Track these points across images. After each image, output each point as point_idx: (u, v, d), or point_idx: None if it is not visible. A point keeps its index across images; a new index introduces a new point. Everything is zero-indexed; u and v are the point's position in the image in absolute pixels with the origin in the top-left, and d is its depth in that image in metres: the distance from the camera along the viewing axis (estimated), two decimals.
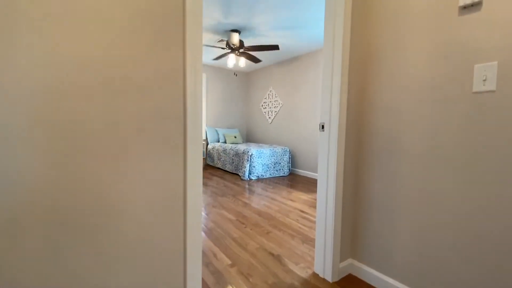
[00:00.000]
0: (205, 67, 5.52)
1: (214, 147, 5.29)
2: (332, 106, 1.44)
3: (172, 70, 0.95)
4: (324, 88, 1.48)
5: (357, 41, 1.45)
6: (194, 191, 1.02)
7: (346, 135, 1.46)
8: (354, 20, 1.43)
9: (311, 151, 4.51)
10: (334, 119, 1.44)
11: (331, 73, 1.44)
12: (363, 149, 1.47)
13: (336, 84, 1.42)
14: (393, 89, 1.33)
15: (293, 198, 3.16)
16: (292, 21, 3.18)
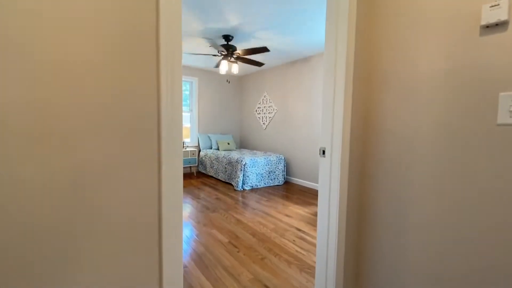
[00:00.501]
0: (196, 71, 5.32)
1: (206, 154, 5.11)
2: (335, 131, 1.29)
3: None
4: (325, 110, 1.33)
5: (363, 56, 1.30)
6: (172, 222, 0.86)
7: (349, 162, 1.31)
8: (359, 32, 1.28)
9: (306, 159, 4.37)
10: (337, 145, 1.29)
11: (333, 94, 1.29)
12: (369, 175, 1.33)
13: (338, 107, 1.27)
14: (403, 111, 1.18)
15: (289, 213, 3.01)
16: (287, 26, 3.03)
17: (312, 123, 4.26)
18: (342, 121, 1.26)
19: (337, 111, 1.28)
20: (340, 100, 1.26)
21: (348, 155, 1.30)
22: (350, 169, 1.32)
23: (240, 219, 2.79)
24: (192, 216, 2.88)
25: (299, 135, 4.52)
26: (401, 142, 1.19)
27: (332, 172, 1.32)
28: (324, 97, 1.33)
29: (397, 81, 1.20)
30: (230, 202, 3.38)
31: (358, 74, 1.30)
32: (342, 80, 1.24)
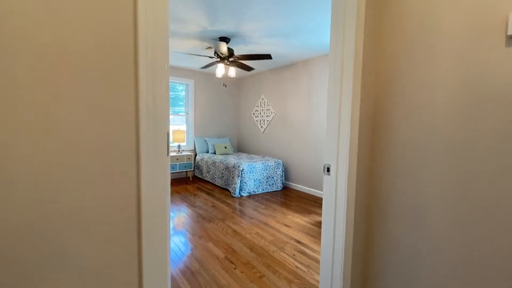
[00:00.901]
0: (192, 73, 5.19)
1: (202, 158, 4.98)
2: (341, 147, 1.18)
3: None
4: (330, 124, 1.22)
5: (371, 67, 1.19)
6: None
7: (357, 180, 1.20)
8: (368, 39, 1.17)
9: (305, 164, 4.27)
10: (343, 162, 1.18)
11: (338, 107, 1.18)
12: (378, 194, 1.22)
13: (345, 121, 1.16)
14: (415, 126, 1.08)
15: (288, 222, 2.90)
16: (285, 28, 2.92)
17: (311, 127, 4.16)
18: (349, 136, 1.15)
19: (344, 125, 1.17)
20: (346, 113, 1.15)
21: (355, 173, 1.19)
22: (358, 187, 1.21)
23: (237, 230, 2.67)
24: (187, 226, 2.75)
25: (298, 139, 4.42)
26: (412, 156, 1.08)
27: (338, 192, 1.20)
28: (329, 111, 1.22)
29: (410, 96, 1.09)
30: (227, 211, 3.26)
31: (366, 84, 1.19)
32: (349, 93, 1.13)
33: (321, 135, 3.99)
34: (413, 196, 1.08)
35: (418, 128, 1.06)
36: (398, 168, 1.13)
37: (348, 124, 1.15)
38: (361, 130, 1.18)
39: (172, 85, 5.31)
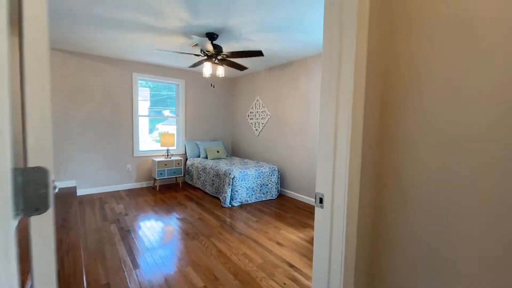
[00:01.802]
0: (182, 72, 4.89)
1: (193, 163, 4.68)
2: (337, 171, 0.88)
3: None
4: (324, 141, 0.91)
5: (377, 64, 0.89)
6: None
7: (359, 216, 0.90)
8: (374, 28, 0.86)
9: (302, 170, 3.96)
10: (340, 191, 0.87)
11: (334, 118, 0.88)
12: (390, 243, 0.92)
13: (342, 140, 0.85)
14: (439, 144, 0.77)
15: (281, 240, 2.59)
16: (279, 22, 2.62)
17: (308, 130, 3.86)
18: (348, 157, 0.85)
19: (341, 143, 0.86)
20: (344, 127, 0.85)
21: (357, 206, 0.89)
22: (360, 226, 0.91)
23: (222, 249, 2.37)
24: (167, 245, 2.45)
25: (295, 143, 4.11)
26: (437, 180, 0.78)
27: (333, 231, 0.90)
28: (322, 124, 0.91)
29: (432, 102, 0.78)
30: (214, 224, 2.96)
31: (371, 88, 0.89)
32: (348, 101, 0.83)
33: (316, 140, 3.68)
34: (437, 244, 0.78)
35: (444, 146, 0.76)
36: (414, 200, 0.82)
37: (347, 142, 0.85)
38: (365, 150, 0.88)
39: (161, 86, 5.00)
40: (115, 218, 3.08)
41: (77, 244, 2.24)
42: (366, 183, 0.90)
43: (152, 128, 5.54)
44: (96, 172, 4.09)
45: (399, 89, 0.85)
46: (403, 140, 0.85)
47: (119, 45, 3.44)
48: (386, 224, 0.90)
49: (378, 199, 0.93)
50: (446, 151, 0.76)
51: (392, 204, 0.88)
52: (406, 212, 0.85)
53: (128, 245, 2.40)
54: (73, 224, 2.66)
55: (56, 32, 2.98)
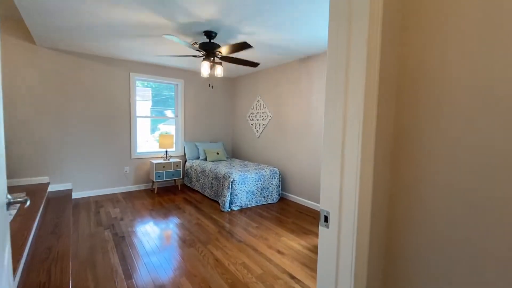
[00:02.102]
0: (181, 72, 4.78)
1: (192, 165, 4.56)
2: (345, 185, 0.76)
3: None
4: (330, 149, 0.79)
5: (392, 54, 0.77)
6: None
7: (370, 236, 0.77)
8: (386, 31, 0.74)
9: (304, 173, 3.84)
10: (349, 208, 0.75)
11: (342, 122, 0.76)
12: (402, 257, 0.79)
13: (352, 148, 0.73)
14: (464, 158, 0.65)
15: (281, 248, 2.47)
16: (281, 20, 2.49)
17: (311, 132, 3.73)
18: (359, 170, 0.73)
19: (351, 154, 0.74)
20: (354, 139, 0.72)
21: (368, 227, 0.76)
22: (372, 251, 0.78)
23: (220, 258, 2.25)
24: (163, 253, 2.33)
25: (296, 145, 3.99)
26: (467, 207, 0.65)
27: (340, 256, 0.78)
28: (327, 129, 0.79)
29: (463, 101, 0.66)
30: (212, 230, 2.84)
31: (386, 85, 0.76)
32: (359, 101, 0.71)
33: (320, 142, 3.55)
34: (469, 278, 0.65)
35: (478, 166, 0.63)
36: (437, 220, 0.70)
37: (357, 153, 0.72)
38: (378, 163, 0.76)
39: (163, 86, 4.90)
40: (110, 223, 2.97)
41: (67, 252, 2.13)
42: (379, 199, 0.78)
43: (154, 128, 5.46)
44: (93, 174, 3.99)
45: (420, 81, 0.73)
46: (422, 150, 0.72)
47: (115, 44, 3.33)
48: (401, 250, 0.78)
49: (393, 219, 0.81)
50: (476, 167, 0.63)
51: (411, 226, 0.76)
52: (427, 237, 0.72)
53: (121, 253, 2.29)
54: (64, 230, 2.56)
55: (49, 31, 2.87)
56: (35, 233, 2.33)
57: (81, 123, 3.84)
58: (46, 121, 3.57)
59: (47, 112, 3.57)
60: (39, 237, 2.27)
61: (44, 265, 1.85)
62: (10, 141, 3.34)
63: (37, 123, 3.51)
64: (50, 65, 3.55)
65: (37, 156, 3.53)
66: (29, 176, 3.49)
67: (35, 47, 3.41)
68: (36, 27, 2.78)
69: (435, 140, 0.70)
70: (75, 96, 3.77)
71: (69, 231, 2.45)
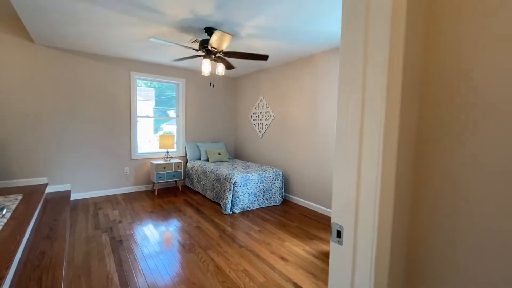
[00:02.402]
0: (183, 71, 4.69)
1: (193, 166, 4.47)
2: (363, 200, 0.65)
3: None
4: (343, 155, 0.68)
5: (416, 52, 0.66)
6: None
7: (391, 256, 0.66)
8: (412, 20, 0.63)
9: (308, 175, 3.72)
10: (367, 225, 0.64)
11: (359, 123, 0.65)
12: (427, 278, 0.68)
13: (372, 154, 0.62)
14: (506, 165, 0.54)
15: (285, 254, 2.36)
16: (286, 16, 2.38)
17: (315, 132, 3.61)
18: (379, 179, 0.62)
19: (370, 160, 0.63)
20: (374, 142, 0.61)
21: (389, 244, 0.65)
22: (392, 270, 0.67)
23: (220, 265, 2.15)
24: (161, 259, 2.24)
25: (300, 146, 3.87)
26: None
27: (355, 276, 0.67)
28: (340, 132, 0.68)
29: None
30: (213, 234, 2.74)
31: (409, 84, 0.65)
32: (379, 107, 0.60)
33: (326, 142, 3.43)
34: None
35: None
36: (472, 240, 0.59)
37: (378, 159, 0.61)
38: (400, 172, 0.64)
39: (166, 86, 4.82)
40: (108, 226, 2.89)
41: (60, 259, 2.03)
42: (401, 213, 0.67)
43: (157, 128, 5.41)
44: (92, 175, 3.92)
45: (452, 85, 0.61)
46: (452, 156, 0.61)
47: (114, 42, 3.25)
48: (426, 272, 0.67)
49: (416, 236, 0.69)
50: None
51: (436, 247, 0.64)
52: (456, 260, 0.61)
53: (118, 259, 2.20)
54: (60, 234, 2.47)
55: (45, 28, 2.80)
56: (29, 237, 2.25)
57: (81, 122, 3.77)
58: (44, 120, 3.50)
59: (46, 111, 3.50)
60: (33, 242, 2.19)
61: (35, 273, 1.76)
62: (7, 141, 3.27)
63: (35, 123, 3.44)
64: (49, 64, 3.48)
65: (35, 157, 3.46)
66: (27, 177, 3.43)
67: (33, 46, 3.35)
68: (32, 24, 2.70)
69: (465, 147, 0.58)
70: (74, 95, 3.69)
71: (64, 235, 2.37)
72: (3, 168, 3.26)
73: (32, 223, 2.45)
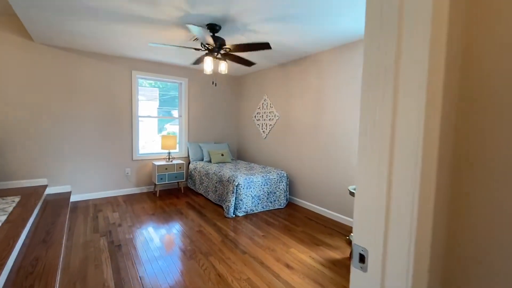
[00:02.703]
0: (185, 70, 4.59)
1: (196, 167, 4.37)
2: (394, 217, 0.53)
3: None
4: (368, 166, 0.57)
5: None
6: None
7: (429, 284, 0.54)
8: None
9: (314, 177, 3.59)
10: (399, 249, 0.52)
11: (391, 127, 0.53)
12: None
13: (408, 162, 0.50)
14: None
15: (290, 261, 2.24)
16: (291, 11, 2.27)
17: (321, 133, 3.48)
18: (417, 192, 0.50)
19: (404, 168, 0.51)
20: (410, 145, 0.49)
21: (427, 274, 0.53)
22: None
23: (222, 273, 2.03)
24: (161, 265, 2.13)
25: (305, 147, 3.75)
26: None
27: None
28: (364, 139, 0.56)
29: None
30: (215, 239, 2.63)
31: None
32: (419, 100, 0.48)
33: (332, 143, 3.30)
34: None
35: None
36: None
37: (416, 167, 0.49)
38: (441, 180, 0.52)
39: (170, 85, 4.73)
40: (107, 229, 2.80)
41: (55, 265, 1.93)
42: (440, 236, 0.54)
43: (161, 128, 5.35)
44: (93, 176, 3.84)
45: None
46: None
47: (115, 40, 3.17)
48: None
49: (458, 266, 0.57)
50: None
51: (478, 279, 0.52)
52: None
53: (115, 265, 2.10)
54: (56, 238, 2.38)
55: (42, 25, 2.72)
56: (24, 242, 2.17)
57: (81, 122, 3.70)
58: (44, 120, 3.43)
59: (45, 111, 3.43)
60: (28, 247, 2.10)
61: (27, 281, 1.67)
62: (6, 141, 3.21)
63: (35, 123, 3.37)
64: (48, 62, 3.41)
65: (34, 157, 3.39)
66: (26, 178, 3.36)
67: (32, 44, 3.28)
68: (29, 21, 2.62)
69: None
70: (74, 95, 3.62)
71: (61, 239, 2.28)
72: (1, 168, 3.19)
73: (28, 227, 2.37)
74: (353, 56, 3.03)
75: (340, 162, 3.19)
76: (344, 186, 3.15)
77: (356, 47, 2.99)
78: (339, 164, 3.22)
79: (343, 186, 3.16)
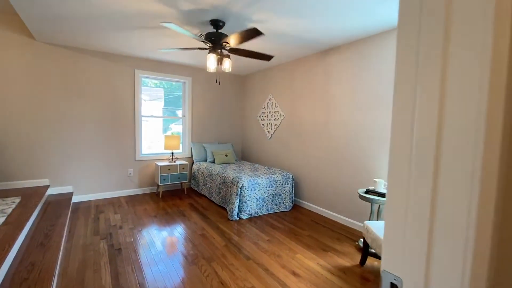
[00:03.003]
0: (189, 69, 4.51)
1: (199, 168, 4.29)
2: (439, 240, 0.41)
3: None
4: (400, 174, 0.45)
5: None
6: None
7: None
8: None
9: (320, 179, 3.47)
10: (446, 279, 0.41)
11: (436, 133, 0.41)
12: None
13: (460, 186, 0.39)
14: None
15: (297, 268, 2.13)
16: (295, 6, 2.15)
17: (328, 133, 3.36)
18: (475, 208, 0.38)
19: (457, 180, 0.40)
20: (466, 149, 0.38)
21: None
22: None
23: (225, 280, 1.93)
24: (161, 271, 2.04)
25: (312, 148, 3.63)
26: None
27: None
28: (397, 140, 0.45)
29: None
30: (218, 244, 2.53)
31: None
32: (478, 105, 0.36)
33: (340, 144, 3.17)
34: None
35: None
36: None
37: (474, 175, 0.38)
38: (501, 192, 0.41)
39: (176, 85, 4.66)
40: (108, 231, 2.72)
41: (51, 271, 1.85)
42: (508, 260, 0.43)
43: (166, 128, 5.29)
44: (95, 176, 3.79)
45: None
46: None
47: (118, 39, 3.10)
48: None
49: None
50: None
51: None
52: None
53: (114, 270, 2.02)
54: (54, 242, 2.30)
55: (44, 24, 2.66)
56: (22, 245, 2.10)
57: (83, 122, 3.64)
58: (46, 120, 3.39)
59: (46, 110, 3.39)
60: (25, 250, 2.03)
61: (22, 287, 1.60)
62: (7, 141, 3.17)
63: (37, 122, 3.33)
64: (51, 62, 3.36)
65: (36, 157, 3.35)
66: (28, 178, 3.32)
67: (34, 43, 3.23)
68: (30, 19, 2.57)
69: None
70: (76, 94, 3.57)
71: (60, 242, 2.21)
72: (2, 169, 3.15)
73: (27, 229, 2.31)
74: (362, 53, 2.90)
75: (350, 163, 3.07)
76: (353, 188, 3.02)
77: (365, 44, 2.86)
78: (348, 165, 3.09)
79: (352, 189, 3.03)
